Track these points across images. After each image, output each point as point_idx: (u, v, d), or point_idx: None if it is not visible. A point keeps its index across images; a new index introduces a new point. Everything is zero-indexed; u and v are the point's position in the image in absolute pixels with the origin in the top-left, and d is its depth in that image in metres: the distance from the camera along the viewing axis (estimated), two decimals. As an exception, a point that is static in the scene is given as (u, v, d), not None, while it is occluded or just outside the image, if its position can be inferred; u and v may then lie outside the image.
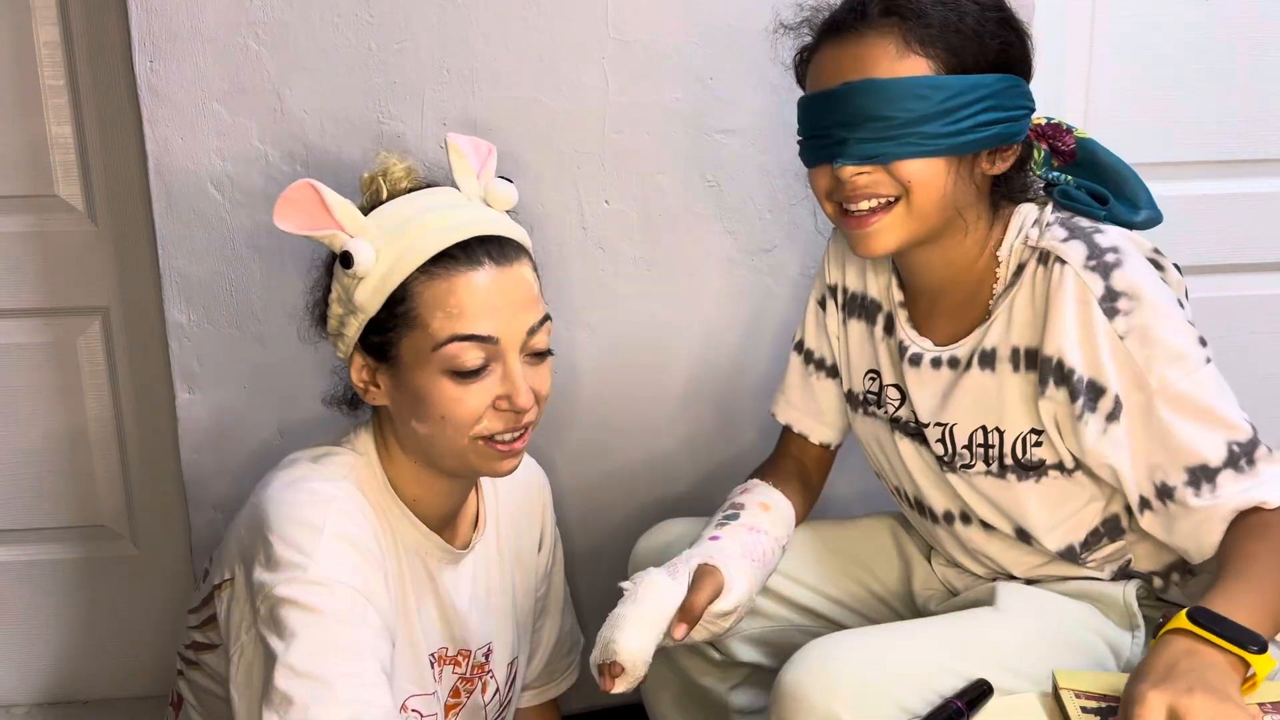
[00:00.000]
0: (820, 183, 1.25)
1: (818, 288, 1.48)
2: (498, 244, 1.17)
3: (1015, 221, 1.26)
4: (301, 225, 1.15)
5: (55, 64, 1.71)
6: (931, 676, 1.14)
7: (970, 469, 1.28)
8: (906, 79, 1.16)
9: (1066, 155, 1.30)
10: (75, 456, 1.88)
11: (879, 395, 1.39)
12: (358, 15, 1.58)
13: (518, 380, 1.15)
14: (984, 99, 1.18)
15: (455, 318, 1.13)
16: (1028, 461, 1.25)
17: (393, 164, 1.22)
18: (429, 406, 1.15)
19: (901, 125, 1.16)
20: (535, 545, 1.45)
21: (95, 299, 1.82)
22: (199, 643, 1.19)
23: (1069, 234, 1.20)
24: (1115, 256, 1.17)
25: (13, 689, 1.97)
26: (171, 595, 1.93)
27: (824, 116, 1.21)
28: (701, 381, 1.79)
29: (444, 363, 1.13)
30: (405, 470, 1.22)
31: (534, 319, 1.18)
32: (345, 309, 1.17)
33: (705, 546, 1.29)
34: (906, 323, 1.34)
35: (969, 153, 1.19)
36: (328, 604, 1.06)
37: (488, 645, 1.34)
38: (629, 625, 1.17)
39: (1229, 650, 1.01)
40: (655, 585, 1.20)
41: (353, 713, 1.01)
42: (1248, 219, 1.86)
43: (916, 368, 1.31)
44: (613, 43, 1.62)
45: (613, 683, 1.16)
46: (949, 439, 1.29)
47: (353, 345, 1.19)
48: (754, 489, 1.42)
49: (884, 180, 1.19)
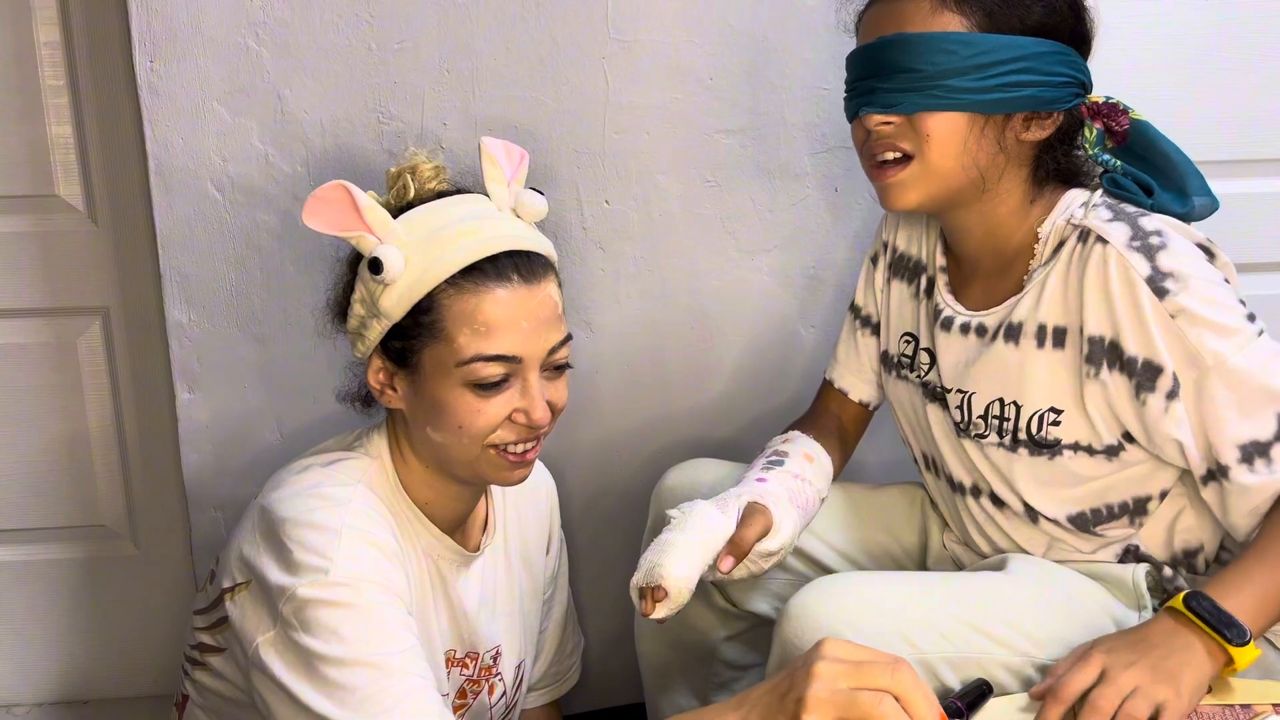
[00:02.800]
0: (857, 135, 1.28)
1: (874, 244, 1.50)
2: (526, 260, 1.16)
3: (1062, 202, 1.26)
4: (331, 225, 1.14)
5: (55, 64, 1.71)
6: (937, 618, 1.16)
7: (984, 439, 1.30)
8: (937, 33, 1.18)
9: (1119, 136, 1.30)
10: (75, 457, 1.88)
11: (913, 359, 1.40)
12: (358, 15, 1.58)
13: (536, 396, 1.16)
14: (1017, 60, 1.18)
15: (481, 335, 1.12)
16: (1042, 439, 1.25)
17: (421, 162, 1.21)
18: (446, 416, 1.15)
19: (928, 78, 1.18)
20: (543, 548, 1.45)
21: (95, 299, 1.82)
22: (206, 644, 1.19)
23: (1113, 215, 1.21)
24: (1160, 239, 1.17)
25: (13, 689, 1.97)
26: (172, 595, 1.94)
27: (860, 68, 1.25)
28: (701, 381, 1.79)
29: (465, 377, 1.13)
30: (418, 474, 1.22)
31: (557, 338, 1.18)
32: (369, 312, 1.16)
33: (753, 486, 1.30)
34: (945, 287, 1.36)
35: (997, 113, 1.20)
36: (357, 598, 1.06)
37: (495, 648, 1.34)
38: (677, 552, 1.18)
39: (1210, 636, 1.02)
40: (705, 516, 1.22)
41: (409, 685, 1.03)
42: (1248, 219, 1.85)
43: (947, 332, 1.33)
44: (613, 43, 1.62)
45: (654, 606, 1.17)
46: (966, 406, 1.30)
47: (372, 348, 1.19)
48: (796, 439, 1.43)
49: (906, 132, 1.22)
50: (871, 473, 1.81)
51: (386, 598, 1.09)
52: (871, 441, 1.62)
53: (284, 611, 1.06)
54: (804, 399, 1.58)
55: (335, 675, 1.03)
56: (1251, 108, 1.79)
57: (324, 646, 1.04)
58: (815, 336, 1.77)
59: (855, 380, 1.52)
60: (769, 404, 1.78)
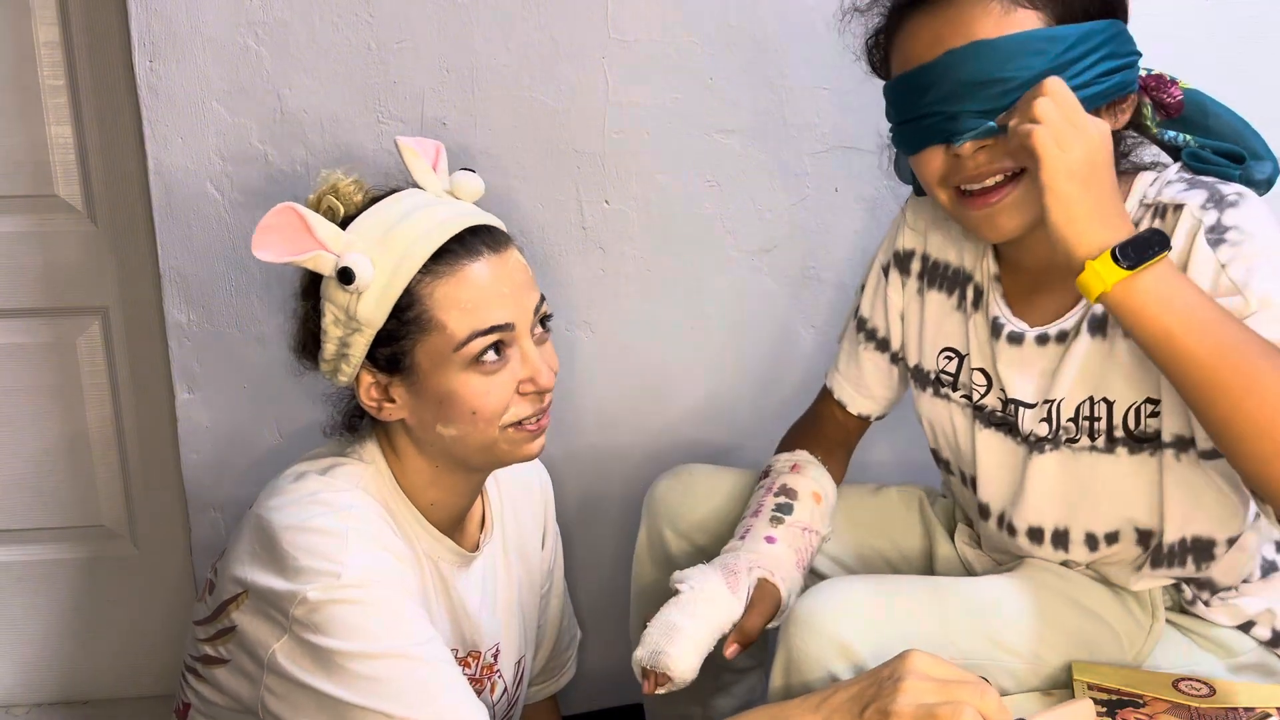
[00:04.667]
0: (931, 167, 1.14)
1: (884, 253, 1.39)
2: (488, 232, 1.17)
3: (1136, 189, 1.16)
4: (284, 252, 1.11)
5: (55, 64, 1.71)
6: (947, 625, 1.14)
7: (1075, 443, 1.19)
8: (1018, 35, 1.06)
9: (1174, 108, 1.19)
10: (75, 457, 1.88)
11: (955, 377, 1.30)
12: (358, 15, 1.58)
13: (537, 361, 1.16)
14: (1100, 46, 1.08)
15: (470, 313, 1.12)
16: (1141, 433, 1.15)
17: (339, 180, 1.19)
18: (457, 405, 1.14)
19: (1021, 87, 1.05)
20: (539, 543, 1.45)
21: (95, 299, 1.82)
22: (210, 656, 1.17)
23: (1189, 185, 1.12)
24: (1236, 197, 1.08)
25: (13, 689, 1.97)
26: (172, 595, 1.94)
27: (925, 94, 1.10)
28: (701, 382, 1.79)
29: (466, 358, 1.13)
30: (422, 475, 1.21)
31: (537, 298, 1.18)
32: (347, 328, 1.14)
33: (762, 552, 1.26)
34: (1001, 299, 1.24)
35: (1093, 108, 1.07)
36: (372, 596, 1.06)
37: (496, 646, 1.34)
38: (685, 639, 1.15)
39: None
40: (714, 600, 1.18)
41: (443, 673, 1.04)
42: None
43: (1018, 346, 1.21)
44: (613, 43, 1.62)
45: (655, 688, 1.16)
46: (1055, 415, 1.19)
47: (359, 364, 1.16)
48: (805, 469, 1.37)
49: (1004, 149, 1.09)
50: (875, 473, 1.80)
51: (401, 594, 1.09)
52: (875, 441, 1.60)
53: (296, 614, 1.05)
54: (803, 398, 1.58)
55: (362, 669, 1.03)
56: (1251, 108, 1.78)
57: (345, 644, 1.04)
58: (815, 336, 1.77)
59: (854, 394, 1.44)
60: (769, 403, 1.78)
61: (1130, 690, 1.12)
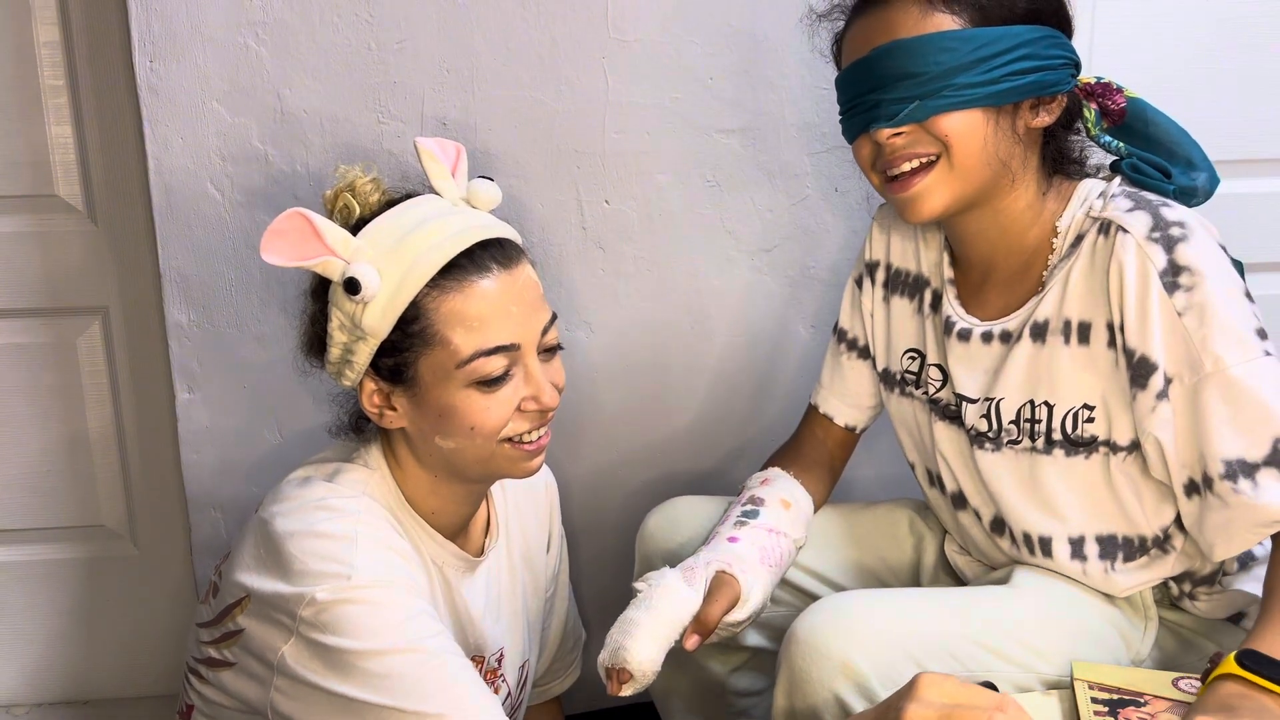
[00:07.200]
0: (862, 154, 1.25)
1: (857, 267, 1.47)
2: (500, 246, 1.15)
3: (1078, 194, 1.24)
4: (293, 256, 1.11)
5: (55, 64, 1.71)
6: (947, 639, 1.15)
7: (1016, 445, 1.25)
8: (932, 34, 1.16)
9: (1116, 115, 1.27)
10: (75, 457, 1.88)
11: (918, 375, 1.37)
12: (358, 15, 1.58)
13: (541, 381, 1.15)
14: (1016, 47, 1.16)
15: (475, 331, 1.11)
16: (1078, 438, 1.22)
17: (357, 178, 1.18)
18: (457, 420, 1.14)
19: (931, 79, 1.15)
20: (544, 546, 1.45)
21: (95, 299, 1.82)
22: (214, 659, 1.17)
23: (1134, 205, 1.17)
24: (1181, 231, 1.14)
25: (13, 689, 1.97)
26: (172, 595, 1.94)
27: (857, 85, 1.21)
28: (701, 381, 1.79)
29: (469, 377, 1.12)
30: (422, 484, 1.21)
31: (546, 318, 1.17)
32: (352, 336, 1.14)
33: (722, 550, 1.27)
34: (954, 299, 1.32)
35: (1007, 102, 1.18)
36: (381, 596, 1.06)
37: (500, 650, 1.34)
38: (641, 633, 1.16)
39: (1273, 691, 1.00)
40: (670, 593, 1.20)
41: (455, 665, 1.04)
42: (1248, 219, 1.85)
43: (965, 343, 1.29)
44: (613, 43, 1.62)
45: (620, 687, 1.16)
46: (995, 414, 1.26)
47: (362, 371, 1.16)
48: (775, 481, 1.41)
49: (922, 138, 1.18)
50: (865, 487, 1.81)
51: (410, 593, 1.09)
52: (865, 456, 1.60)
53: (303, 615, 1.05)
54: (802, 398, 1.58)
55: (373, 667, 1.03)
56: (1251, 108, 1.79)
57: (355, 643, 1.04)
58: (814, 336, 1.77)
59: (840, 405, 1.48)
60: (768, 403, 1.78)
61: (1130, 689, 1.12)
